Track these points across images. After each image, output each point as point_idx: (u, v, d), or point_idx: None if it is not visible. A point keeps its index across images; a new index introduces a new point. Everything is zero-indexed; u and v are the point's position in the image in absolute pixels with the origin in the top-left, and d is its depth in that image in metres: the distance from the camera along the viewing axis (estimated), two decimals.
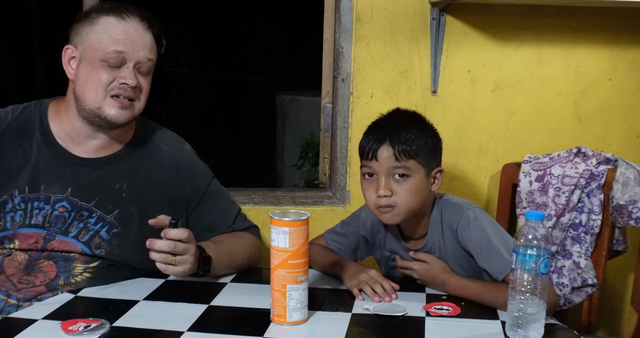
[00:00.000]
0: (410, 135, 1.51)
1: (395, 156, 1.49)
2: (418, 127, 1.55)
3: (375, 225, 1.69)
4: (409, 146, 1.50)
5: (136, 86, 1.54)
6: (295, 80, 6.61)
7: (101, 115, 1.54)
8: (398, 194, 1.51)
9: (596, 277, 1.92)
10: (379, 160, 1.51)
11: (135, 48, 1.53)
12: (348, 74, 2.11)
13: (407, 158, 1.50)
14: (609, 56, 2.17)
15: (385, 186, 1.50)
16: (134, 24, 1.54)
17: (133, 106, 1.56)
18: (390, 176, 1.51)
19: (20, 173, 1.56)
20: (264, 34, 7.24)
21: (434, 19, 2.07)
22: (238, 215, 1.80)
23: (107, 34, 1.52)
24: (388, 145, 1.50)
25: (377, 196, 1.51)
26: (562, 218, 1.95)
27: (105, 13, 1.54)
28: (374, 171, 1.53)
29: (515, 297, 1.26)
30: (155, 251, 1.43)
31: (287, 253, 1.30)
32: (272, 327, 1.31)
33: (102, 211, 1.58)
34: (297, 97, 5.01)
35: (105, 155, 1.62)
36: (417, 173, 1.52)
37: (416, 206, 1.54)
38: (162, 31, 1.61)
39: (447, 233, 1.58)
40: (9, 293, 1.52)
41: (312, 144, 3.95)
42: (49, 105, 1.64)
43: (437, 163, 1.58)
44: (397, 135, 1.50)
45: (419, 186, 1.52)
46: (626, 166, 1.91)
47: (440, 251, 1.60)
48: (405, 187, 1.51)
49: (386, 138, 1.51)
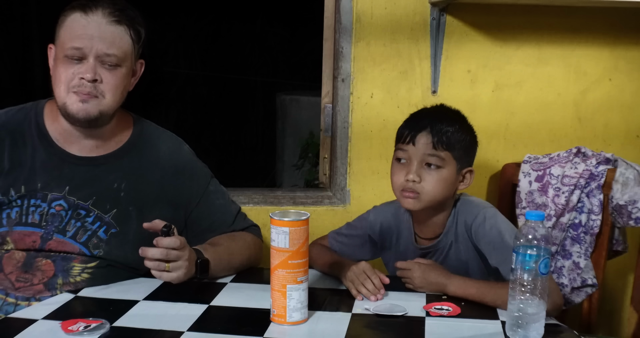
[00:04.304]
0: (451, 128, 1.55)
1: (433, 144, 1.53)
2: (459, 123, 1.59)
3: (386, 226, 1.70)
4: (447, 137, 1.53)
5: (96, 80, 1.52)
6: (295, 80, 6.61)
7: (67, 111, 1.54)
8: (426, 182, 1.53)
9: (596, 277, 1.92)
10: (416, 145, 1.54)
11: (94, 43, 1.51)
12: (348, 74, 2.11)
13: (443, 149, 1.53)
14: (609, 56, 2.17)
15: (416, 172, 1.54)
16: (96, 18, 1.52)
17: (98, 102, 1.54)
18: (422, 163, 1.54)
19: (16, 173, 1.56)
20: (264, 34, 7.24)
21: (434, 19, 2.07)
22: (238, 215, 1.80)
23: (70, 30, 1.53)
24: (428, 132, 1.54)
25: (405, 180, 1.54)
26: (562, 218, 1.95)
27: (73, 9, 1.54)
28: (409, 155, 1.55)
29: (515, 297, 1.26)
30: (148, 259, 1.44)
31: (287, 253, 1.30)
32: (272, 327, 1.31)
33: (100, 211, 1.58)
34: (297, 97, 5.01)
35: (103, 154, 1.62)
36: (449, 166, 1.55)
37: (440, 199, 1.56)
38: (138, 23, 1.59)
39: (461, 231, 1.59)
40: (7, 291, 1.52)
41: (312, 144, 3.95)
42: (44, 105, 1.64)
43: (469, 163, 1.60)
44: (439, 124, 1.54)
45: (448, 180, 1.55)
46: (626, 166, 1.91)
47: (450, 252, 1.60)
48: (435, 177, 1.54)
49: (428, 126, 1.55)
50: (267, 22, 7.15)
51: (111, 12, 1.54)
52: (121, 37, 1.55)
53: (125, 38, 1.56)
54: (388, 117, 2.13)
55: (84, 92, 1.52)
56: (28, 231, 1.54)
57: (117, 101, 1.58)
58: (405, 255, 1.67)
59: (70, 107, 1.53)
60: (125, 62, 1.57)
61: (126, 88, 1.61)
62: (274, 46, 7.28)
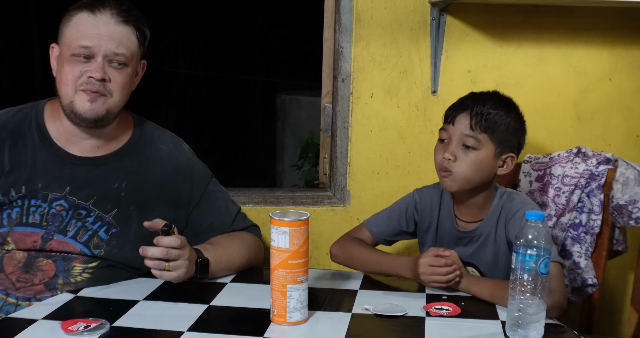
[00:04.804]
0: (493, 112, 1.57)
1: (470, 125, 1.56)
2: (506, 110, 1.60)
3: (428, 205, 1.71)
4: (487, 119, 1.56)
5: (104, 79, 1.53)
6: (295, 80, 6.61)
7: (73, 110, 1.54)
8: (460, 161, 1.56)
9: (596, 277, 1.92)
10: (455, 125, 1.58)
11: (102, 42, 1.52)
12: (348, 74, 2.11)
13: (481, 131, 1.56)
14: (609, 56, 2.17)
15: (452, 151, 1.57)
16: (104, 18, 1.53)
17: (105, 100, 1.55)
18: (460, 144, 1.57)
19: (17, 174, 1.56)
20: (264, 34, 7.23)
21: (434, 19, 2.07)
22: (238, 215, 1.80)
23: (77, 29, 1.53)
24: (467, 113, 1.57)
25: (442, 158, 1.58)
26: (562, 218, 1.95)
27: (79, 9, 1.55)
28: (449, 135, 1.59)
29: (515, 297, 1.26)
30: (149, 259, 1.44)
31: (287, 253, 1.30)
32: (272, 327, 1.31)
33: (101, 211, 1.58)
34: (297, 97, 5.01)
35: (103, 154, 1.62)
36: (486, 148, 1.57)
37: (474, 180, 1.58)
38: (143, 23, 1.60)
39: (501, 222, 1.60)
40: (8, 291, 1.52)
41: (312, 144, 3.95)
42: (45, 106, 1.64)
43: (512, 149, 1.61)
44: (481, 107, 1.57)
45: (484, 162, 1.57)
46: (626, 166, 1.91)
47: (488, 240, 1.61)
48: (470, 157, 1.56)
49: (469, 107, 1.58)
50: (267, 22, 7.15)
51: (118, 13, 1.55)
52: (128, 37, 1.56)
53: (132, 38, 1.57)
54: (388, 117, 2.14)
55: (92, 89, 1.52)
56: (29, 232, 1.54)
57: (123, 100, 1.59)
58: (442, 239, 1.69)
59: (78, 106, 1.53)
60: (131, 62, 1.58)
61: (131, 88, 1.61)
62: (274, 46, 7.28)
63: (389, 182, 2.17)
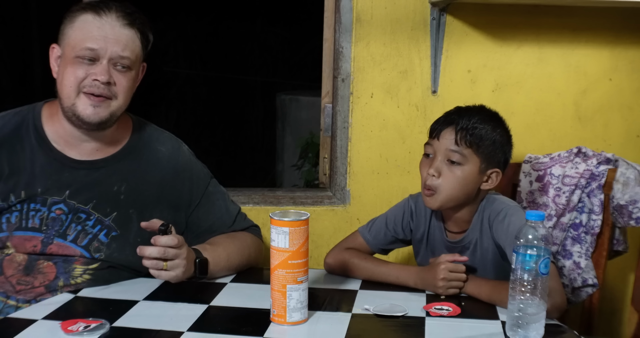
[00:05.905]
0: (479, 127, 1.54)
1: (456, 140, 1.53)
2: (492, 125, 1.57)
3: (422, 210, 1.69)
4: (472, 134, 1.53)
5: (109, 82, 1.52)
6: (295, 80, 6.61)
7: (75, 113, 1.52)
8: (444, 178, 1.54)
9: (596, 277, 1.92)
10: (440, 140, 1.56)
11: (108, 44, 1.51)
12: (348, 74, 2.11)
13: (466, 146, 1.53)
14: (609, 56, 2.17)
15: (437, 167, 1.55)
16: (110, 21, 1.52)
17: (109, 104, 1.54)
18: (445, 159, 1.55)
19: (16, 178, 1.55)
20: (264, 34, 7.24)
21: (434, 19, 2.07)
22: (238, 215, 1.79)
23: (82, 31, 1.52)
24: (453, 129, 1.55)
25: (426, 174, 1.56)
26: (563, 218, 1.95)
27: (84, 10, 1.53)
28: (434, 150, 1.57)
29: (515, 297, 1.26)
30: (146, 258, 1.44)
31: (287, 253, 1.30)
32: (272, 327, 1.31)
33: (100, 214, 1.57)
34: (297, 97, 5.01)
35: (102, 157, 1.61)
36: (471, 164, 1.54)
37: (458, 196, 1.56)
38: (147, 27, 1.59)
39: (485, 228, 1.59)
40: (8, 294, 1.52)
41: (312, 144, 3.95)
42: (42, 108, 1.62)
43: (498, 164, 1.59)
44: (467, 122, 1.54)
45: (468, 178, 1.55)
46: (626, 166, 1.91)
47: (476, 247, 1.60)
48: (455, 174, 1.54)
49: (454, 122, 1.55)
50: (267, 22, 7.15)
51: (123, 16, 1.54)
52: (133, 40, 1.55)
53: (137, 42, 1.56)
54: (388, 117, 2.14)
55: (96, 93, 1.51)
56: (28, 236, 1.53)
57: (126, 103, 1.58)
58: (434, 248, 1.67)
59: (80, 109, 1.52)
60: (135, 66, 1.57)
61: (133, 91, 1.61)
62: (274, 45, 7.28)
63: (389, 182, 2.17)
